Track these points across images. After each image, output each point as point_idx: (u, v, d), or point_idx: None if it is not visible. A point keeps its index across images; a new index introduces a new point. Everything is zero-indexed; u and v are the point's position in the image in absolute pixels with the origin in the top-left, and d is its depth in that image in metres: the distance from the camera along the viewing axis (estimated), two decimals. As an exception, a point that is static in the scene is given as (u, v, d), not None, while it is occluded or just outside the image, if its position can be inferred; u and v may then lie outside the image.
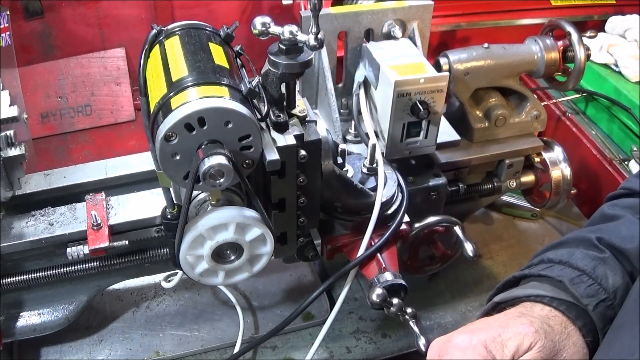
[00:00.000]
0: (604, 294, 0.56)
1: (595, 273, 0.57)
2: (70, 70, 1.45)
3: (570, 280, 0.57)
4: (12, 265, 0.93)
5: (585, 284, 0.57)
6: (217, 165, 0.66)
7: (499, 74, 1.07)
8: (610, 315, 0.56)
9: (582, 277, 0.57)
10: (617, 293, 0.57)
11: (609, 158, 1.26)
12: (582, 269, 0.58)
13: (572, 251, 0.61)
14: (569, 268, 0.59)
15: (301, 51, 0.74)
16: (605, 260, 0.58)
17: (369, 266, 0.92)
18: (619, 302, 0.56)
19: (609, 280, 0.57)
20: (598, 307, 0.56)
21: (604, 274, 0.57)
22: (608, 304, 0.56)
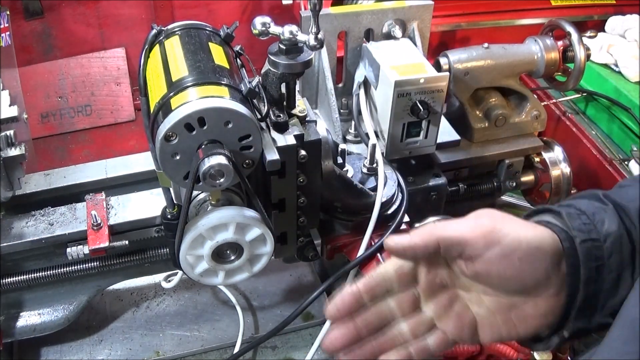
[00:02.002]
0: (596, 235, 0.58)
1: (593, 216, 0.60)
2: (70, 70, 1.45)
3: (568, 214, 0.60)
4: (12, 265, 0.93)
5: (581, 221, 0.59)
6: (217, 165, 0.66)
7: (499, 74, 1.07)
8: (596, 255, 0.58)
9: (581, 216, 0.60)
10: (608, 238, 0.58)
11: (609, 158, 1.26)
12: (583, 210, 0.61)
13: (579, 200, 0.64)
14: (572, 208, 0.61)
15: (301, 51, 0.74)
16: (606, 210, 0.61)
17: (369, 266, 0.92)
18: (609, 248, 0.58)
19: (604, 225, 0.59)
20: (586, 242, 0.58)
21: (601, 219, 0.60)
22: (597, 244, 0.58)
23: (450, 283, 0.62)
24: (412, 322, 0.62)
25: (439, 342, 0.62)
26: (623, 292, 0.59)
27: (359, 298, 0.61)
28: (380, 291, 0.62)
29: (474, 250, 0.57)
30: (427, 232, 0.58)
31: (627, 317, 0.54)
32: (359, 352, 0.61)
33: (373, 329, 0.62)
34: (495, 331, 0.61)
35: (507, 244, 0.56)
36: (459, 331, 0.62)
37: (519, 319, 0.60)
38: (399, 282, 0.62)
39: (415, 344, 0.62)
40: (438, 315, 0.62)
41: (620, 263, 0.58)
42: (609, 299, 0.59)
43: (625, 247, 0.59)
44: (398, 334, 0.62)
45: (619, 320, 0.54)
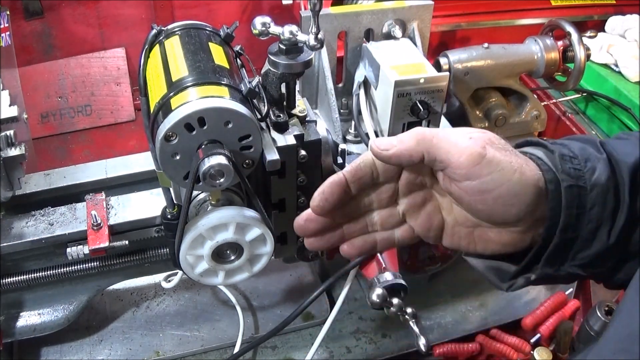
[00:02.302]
0: (583, 182, 0.57)
1: (585, 163, 0.58)
2: (70, 70, 1.45)
3: (561, 155, 0.59)
4: (12, 265, 0.93)
5: (572, 165, 0.58)
6: (217, 165, 0.66)
7: (499, 74, 1.07)
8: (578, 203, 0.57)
9: (573, 159, 0.58)
10: (594, 189, 0.57)
11: (609, 158, 1.26)
12: (576, 153, 0.59)
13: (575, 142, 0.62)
14: (567, 149, 0.60)
15: (301, 51, 0.74)
16: (599, 159, 0.59)
17: (369, 266, 0.92)
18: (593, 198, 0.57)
19: (594, 174, 0.58)
20: (572, 188, 0.57)
21: (592, 168, 0.58)
22: (582, 192, 0.57)
23: (429, 184, 0.62)
24: (384, 213, 0.63)
25: (404, 235, 0.64)
26: (597, 246, 0.58)
27: (345, 188, 0.60)
28: (366, 181, 0.61)
29: (454, 174, 0.56)
30: (414, 142, 0.57)
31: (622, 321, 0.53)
32: (328, 236, 0.62)
33: (349, 218, 0.62)
34: (455, 241, 0.63)
35: (486, 182, 0.55)
36: (425, 230, 0.63)
37: (480, 239, 0.61)
38: (384, 174, 0.61)
39: (382, 233, 0.63)
40: (410, 211, 0.63)
41: (601, 216, 0.57)
42: (581, 250, 0.59)
43: (609, 202, 0.58)
44: (369, 223, 0.63)
45: (615, 321, 0.54)
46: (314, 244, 0.62)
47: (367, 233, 0.63)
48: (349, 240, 0.63)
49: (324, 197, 0.59)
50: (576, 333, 1.17)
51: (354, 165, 0.60)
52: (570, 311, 1.22)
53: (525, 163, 0.57)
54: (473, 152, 0.55)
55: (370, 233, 0.63)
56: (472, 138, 0.56)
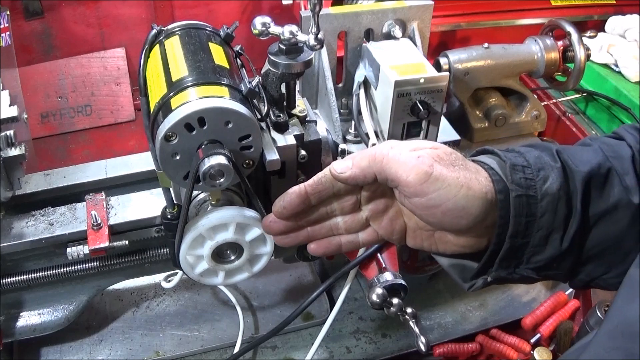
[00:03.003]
0: (533, 192, 0.59)
1: (538, 172, 0.60)
2: (70, 70, 1.45)
3: (512, 165, 0.61)
4: (12, 265, 0.93)
5: (524, 175, 0.60)
6: (217, 165, 0.65)
7: (499, 74, 1.07)
8: (528, 212, 0.59)
9: (526, 169, 0.60)
10: (545, 198, 0.59)
11: (609, 158, 1.26)
12: (530, 162, 0.61)
13: (532, 150, 0.64)
14: (521, 158, 0.62)
15: (301, 51, 0.74)
16: (553, 168, 0.61)
17: (369, 266, 0.92)
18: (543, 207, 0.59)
19: (545, 184, 0.60)
20: (521, 197, 0.59)
21: (544, 177, 0.60)
22: (532, 201, 0.59)
23: (389, 194, 0.66)
24: (348, 219, 0.68)
25: (368, 238, 0.69)
26: (550, 251, 0.60)
27: (305, 200, 0.65)
28: (327, 194, 0.66)
29: (404, 191, 0.60)
30: (367, 164, 0.61)
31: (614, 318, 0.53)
32: (293, 236, 0.68)
33: (313, 222, 0.68)
34: (418, 242, 0.67)
35: (433, 198, 0.58)
36: (389, 233, 0.68)
37: (440, 241, 0.65)
38: (345, 188, 0.66)
39: (347, 236, 0.68)
40: (373, 217, 0.67)
41: (552, 223, 0.60)
42: (534, 255, 0.61)
43: (560, 209, 0.59)
44: (333, 227, 0.68)
45: (607, 319, 0.54)
46: (281, 241, 0.69)
47: (332, 235, 0.69)
48: (315, 241, 0.68)
49: (282, 205, 0.65)
50: (576, 333, 1.18)
51: (316, 179, 0.65)
52: (570, 311, 1.22)
53: (475, 176, 0.60)
54: (419, 171, 0.58)
55: (335, 235, 0.69)
56: (420, 157, 0.59)
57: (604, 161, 0.62)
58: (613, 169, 0.62)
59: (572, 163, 0.61)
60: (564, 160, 0.62)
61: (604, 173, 0.61)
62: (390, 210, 0.67)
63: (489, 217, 0.60)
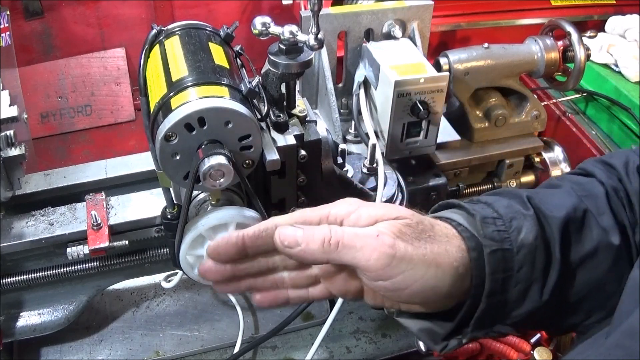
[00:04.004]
0: (508, 245, 0.55)
1: (510, 222, 0.56)
2: (70, 70, 1.45)
3: (482, 218, 0.56)
4: (12, 265, 0.93)
5: (496, 227, 0.55)
6: (217, 165, 0.65)
7: (499, 74, 1.07)
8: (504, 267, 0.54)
9: (497, 221, 0.56)
10: (521, 250, 0.55)
11: (609, 158, 1.26)
12: (500, 213, 0.57)
13: (500, 198, 0.60)
14: (490, 209, 0.57)
15: (301, 51, 0.74)
16: (525, 216, 0.57)
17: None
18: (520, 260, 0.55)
19: (520, 234, 0.55)
20: (496, 253, 0.54)
21: (518, 227, 0.56)
22: (507, 255, 0.55)
23: None
24: (294, 275, 0.61)
25: (320, 294, 0.61)
26: (529, 305, 0.56)
27: (241, 250, 0.58)
28: (266, 247, 0.58)
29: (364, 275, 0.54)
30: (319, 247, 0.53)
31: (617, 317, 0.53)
32: (234, 285, 0.60)
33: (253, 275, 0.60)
34: (378, 302, 0.60)
35: (398, 281, 0.53)
36: (343, 293, 0.61)
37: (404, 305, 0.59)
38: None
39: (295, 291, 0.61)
40: (324, 275, 0.60)
41: (530, 276, 0.55)
42: (513, 310, 0.57)
43: (538, 260, 0.55)
44: (278, 280, 0.61)
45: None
46: (221, 289, 0.62)
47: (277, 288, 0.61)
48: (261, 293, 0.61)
49: (216, 252, 0.58)
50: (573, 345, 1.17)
51: (257, 231, 0.57)
52: (570, 311, 1.22)
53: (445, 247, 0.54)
54: (381, 255, 0.51)
55: (282, 289, 0.61)
56: (379, 235, 0.53)
57: (578, 203, 0.58)
58: (589, 211, 0.58)
59: (546, 209, 0.57)
60: (536, 207, 0.58)
61: (579, 216, 0.57)
62: (344, 272, 0.59)
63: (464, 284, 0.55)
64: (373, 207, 0.57)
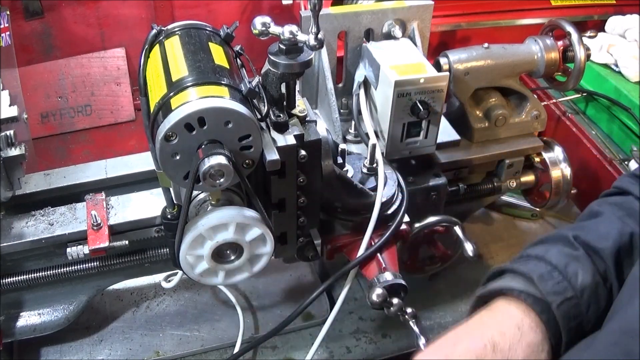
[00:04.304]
0: (571, 292, 0.56)
1: (566, 269, 0.58)
2: (70, 70, 1.45)
3: (539, 276, 0.58)
4: (12, 265, 0.93)
5: (555, 280, 0.57)
6: (217, 165, 0.66)
7: (499, 74, 1.07)
8: (575, 314, 0.56)
9: (553, 273, 0.58)
10: (584, 292, 0.57)
11: (609, 158, 1.26)
12: (554, 264, 0.58)
13: (549, 247, 0.61)
14: (543, 263, 0.59)
15: (301, 51, 0.74)
16: (578, 258, 0.58)
17: (369, 266, 0.92)
18: (586, 302, 0.56)
19: (578, 278, 0.57)
20: (563, 304, 0.56)
21: (574, 272, 0.57)
22: (574, 302, 0.56)
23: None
24: None
25: None
26: None
27: None
28: None
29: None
30: None
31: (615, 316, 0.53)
32: None
33: None
34: None
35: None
36: None
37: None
38: None
39: None
40: None
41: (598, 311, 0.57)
42: None
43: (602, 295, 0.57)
44: None
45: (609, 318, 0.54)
46: None
47: None
48: None
49: None
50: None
51: None
52: (570, 311, 1.22)
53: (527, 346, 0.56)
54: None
55: None
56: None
57: (622, 227, 0.60)
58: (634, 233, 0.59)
59: (594, 243, 0.59)
60: (584, 244, 0.59)
61: (627, 240, 0.59)
62: None
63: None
64: None
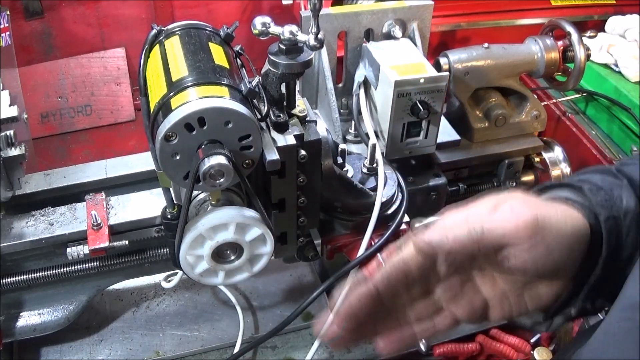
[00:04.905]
0: (617, 212, 0.56)
1: (611, 192, 0.57)
2: (70, 70, 1.45)
3: (589, 189, 0.57)
4: (12, 265, 0.93)
5: (602, 197, 0.56)
6: (217, 165, 0.66)
7: (499, 74, 1.07)
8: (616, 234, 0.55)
9: (600, 191, 0.57)
10: (627, 216, 0.56)
11: (609, 158, 1.26)
12: (599, 185, 0.58)
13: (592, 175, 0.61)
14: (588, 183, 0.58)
15: (301, 51, 0.74)
16: (622, 186, 0.58)
17: (369, 266, 0.91)
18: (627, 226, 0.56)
19: (623, 201, 0.56)
20: (609, 220, 0.55)
21: (619, 195, 0.57)
22: (618, 222, 0.56)
23: (464, 268, 0.58)
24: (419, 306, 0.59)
25: (447, 323, 0.59)
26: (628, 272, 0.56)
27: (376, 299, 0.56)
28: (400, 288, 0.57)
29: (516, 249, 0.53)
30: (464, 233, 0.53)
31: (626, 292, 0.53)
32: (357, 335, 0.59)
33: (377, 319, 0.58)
34: (506, 310, 0.59)
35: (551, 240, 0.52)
36: (469, 315, 0.59)
37: (532, 298, 0.58)
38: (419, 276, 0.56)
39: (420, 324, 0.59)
40: (448, 299, 0.59)
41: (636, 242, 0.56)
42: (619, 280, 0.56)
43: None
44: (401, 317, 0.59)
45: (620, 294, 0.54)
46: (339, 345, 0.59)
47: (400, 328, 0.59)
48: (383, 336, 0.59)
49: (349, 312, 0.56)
50: (576, 333, 1.17)
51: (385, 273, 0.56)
52: (571, 311, 1.22)
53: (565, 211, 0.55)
54: (526, 220, 0.52)
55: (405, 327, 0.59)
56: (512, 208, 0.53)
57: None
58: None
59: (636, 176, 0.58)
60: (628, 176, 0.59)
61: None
62: (467, 287, 0.58)
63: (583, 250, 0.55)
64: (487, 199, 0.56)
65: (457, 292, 0.58)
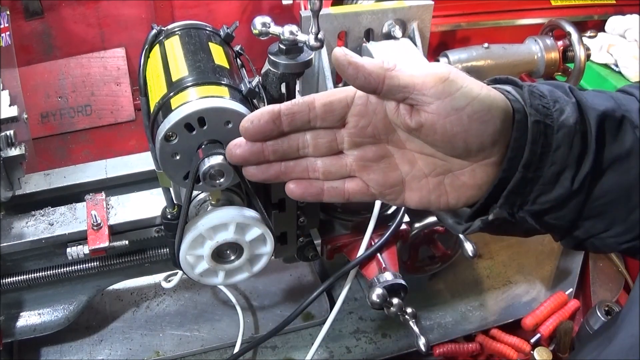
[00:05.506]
0: (550, 121, 0.55)
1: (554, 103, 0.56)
2: (70, 70, 1.45)
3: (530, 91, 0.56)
4: (12, 265, 0.93)
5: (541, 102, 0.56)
6: (217, 165, 0.65)
7: (499, 73, 1.07)
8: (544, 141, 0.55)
9: (542, 98, 0.56)
10: (561, 129, 0.55)
11: (609, 158, 1.26)
12: (545, 93, 0.57)
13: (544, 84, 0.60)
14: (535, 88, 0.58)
15: (301, 51, 0.74)
16: (568, 103, 0.57)
17: (369, 266, 0.92)
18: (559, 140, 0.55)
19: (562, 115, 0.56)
20: (538, 124, 0.54)
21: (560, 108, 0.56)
22: (548, 131, 0.55)
23: (383, 137, 0.58)
24: (327, 161, 0.59)
25: (356, 189, 0.59)
26: (558, 191, 0.56)
27: (276, 118, 0.56)
28: (301, 120, 0.57)
29: (422, 97, 0.53)
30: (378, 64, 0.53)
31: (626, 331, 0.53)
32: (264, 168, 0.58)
33: (281, 156, 0.58)
34: (424, 196, 0.58)
35: (459, 96, 0.53)
36: (382, 186, 0.58)
37: (453, 187, 0.57)
38: (323, 117, 0.57)
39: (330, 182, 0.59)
40: (360, 165, 0.58)
41: (566, 159, 0.55)
42: (542, 194, 0.56)
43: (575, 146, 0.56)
44: (309, 167, 0.59)
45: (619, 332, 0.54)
46: (250, 171, 0.59)
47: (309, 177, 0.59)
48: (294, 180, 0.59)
49: (249, 119, 0.56)
50: (576, 333, 1.18)
51: (292, 102, 0.57)
52: (570, 311, 1.22)
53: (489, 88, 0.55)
54: (437, 72, 0.53)
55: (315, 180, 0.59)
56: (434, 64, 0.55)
57: (617, 107, 0.58)
58: (626, 117, 0.58)
59: (586, 101, 0.58)
60: (577, 97, 0.58)
61: (618, 117, 0.57)
62: (383, 162, 0.58)
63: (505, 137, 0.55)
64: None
65: (370, 162, 0.58)
